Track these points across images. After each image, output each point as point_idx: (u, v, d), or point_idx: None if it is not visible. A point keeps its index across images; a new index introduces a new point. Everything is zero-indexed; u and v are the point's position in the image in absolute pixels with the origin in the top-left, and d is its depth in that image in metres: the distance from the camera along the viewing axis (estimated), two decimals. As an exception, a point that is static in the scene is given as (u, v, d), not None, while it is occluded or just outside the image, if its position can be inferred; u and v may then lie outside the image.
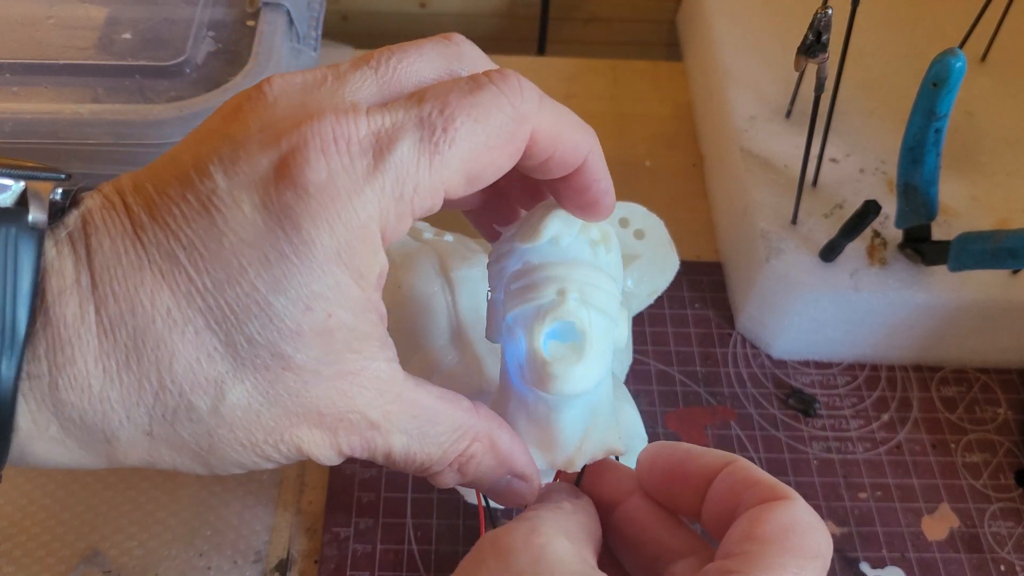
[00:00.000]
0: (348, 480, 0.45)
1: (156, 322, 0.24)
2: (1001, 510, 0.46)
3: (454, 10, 0.71)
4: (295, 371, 0.24)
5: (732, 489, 0.26)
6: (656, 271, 0.46)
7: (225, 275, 0.24)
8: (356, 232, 0.24)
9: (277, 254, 0.23)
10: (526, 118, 0.26)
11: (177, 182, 0.24)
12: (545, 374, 0.28)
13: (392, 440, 0.27)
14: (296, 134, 0.24)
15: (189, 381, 0.24)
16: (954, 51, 0.39)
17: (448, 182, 0.25)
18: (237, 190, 0.24)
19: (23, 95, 0.44)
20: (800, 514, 0.24)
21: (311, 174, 0.23)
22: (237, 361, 0.24)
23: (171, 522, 0.43)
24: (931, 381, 0.50)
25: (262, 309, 0.24)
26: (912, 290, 0.47)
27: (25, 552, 0.42)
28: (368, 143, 0.24)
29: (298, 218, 0.23)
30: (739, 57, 0.57)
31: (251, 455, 0.26)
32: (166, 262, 0.24)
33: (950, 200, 0.50)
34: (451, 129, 0.24)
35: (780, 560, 0.23)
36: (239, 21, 0.49)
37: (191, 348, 0.24)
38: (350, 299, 0.25)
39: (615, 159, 0.60)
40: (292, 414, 0.25)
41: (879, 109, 0.54)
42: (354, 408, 0.26)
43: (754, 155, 0.52)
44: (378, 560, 0.43)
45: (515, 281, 0.29)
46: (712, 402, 0.49)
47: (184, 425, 0.24)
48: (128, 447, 0.25)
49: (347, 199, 0.24)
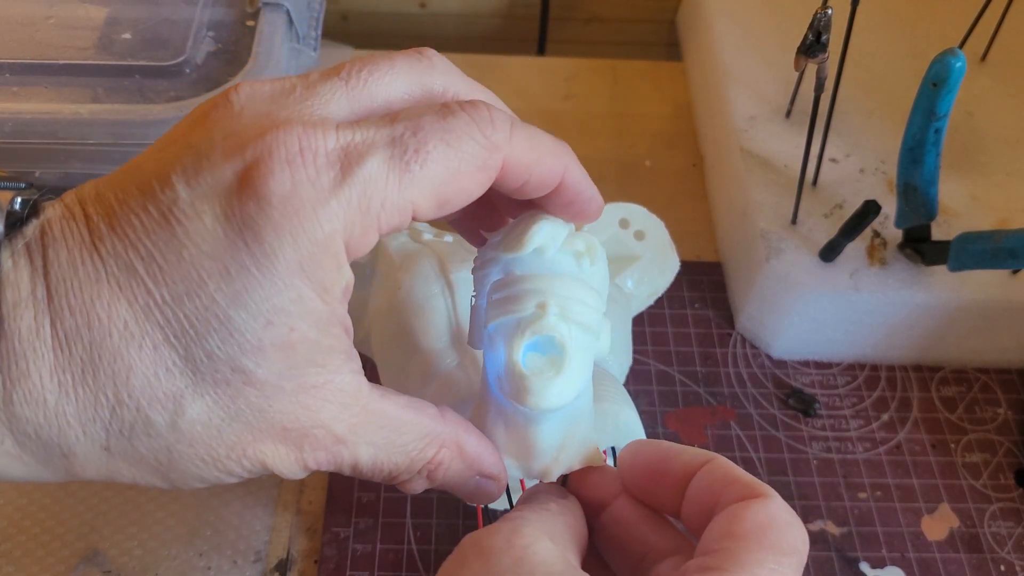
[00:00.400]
0: (348, 480, 0.45)
1: (113, 336, 0.23)
2: (1001, 510, 0.46)
3: (454, 10, 0.71)
4: (256, 386, 0.24)
5: (711, 487, 0.26)
6: (656, 272, 0.46)
7: (184, 288, 0.23)
8: (320, 245, 0.23)
9: (238, 267, 0.23)
10: (497, 147, 0.26)
11: (138, 191, 0.24)
12: (522, 388, 0.27)
13: (359, 452, 0.26)
14: (261, 144, 0.23)
15: (147, 396, 0.24)
16: (954, 51, 0.39)
17: (417, 202, 0.25)
18: (199, 201, 0.23)
19: (23, 95, 0.44)
20: (777, 511, 0.24)
21: (275, 185, 0.23)
22: (197, 376, 0.24)
23: (171, 522, 0.43)
24: (931, 381, 0.50)
25: (222, 323, 0.23)
26: (912, 290, 0.47)
27: (25, 552, 0.42)
28: (336, 156, 0.24)
29: (260, 230, 0.23)
30: (739, 57, 0.57)
31: (212, 470, 0.25)
32: (124, 274, 0.23)
33: (950, 200, 0.50)
34: (423, 151, 0.24)
35: (758, 556, 0.23)
36: (239, 21, 0.49)
37: (148, 362, 0.23)
38: (313, 313, 0.24)
39: (615, 159, 0.60)
40: (255, 429, 0.25)
41: (879, 109, 0.54)
42: (319, 423, 0.25)
43: (754, 155, 0.52)
44: (378, 560, 0.43)
45: (497, 291, 0.29)
46: (712, 402, 0.49)
47: (142, 440, 0.24)
48: (85, 462, 0.24)
49: (311, 211, 0.23)
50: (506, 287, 0.28)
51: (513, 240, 0.29)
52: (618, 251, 0.46)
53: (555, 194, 0.29)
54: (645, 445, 0.28)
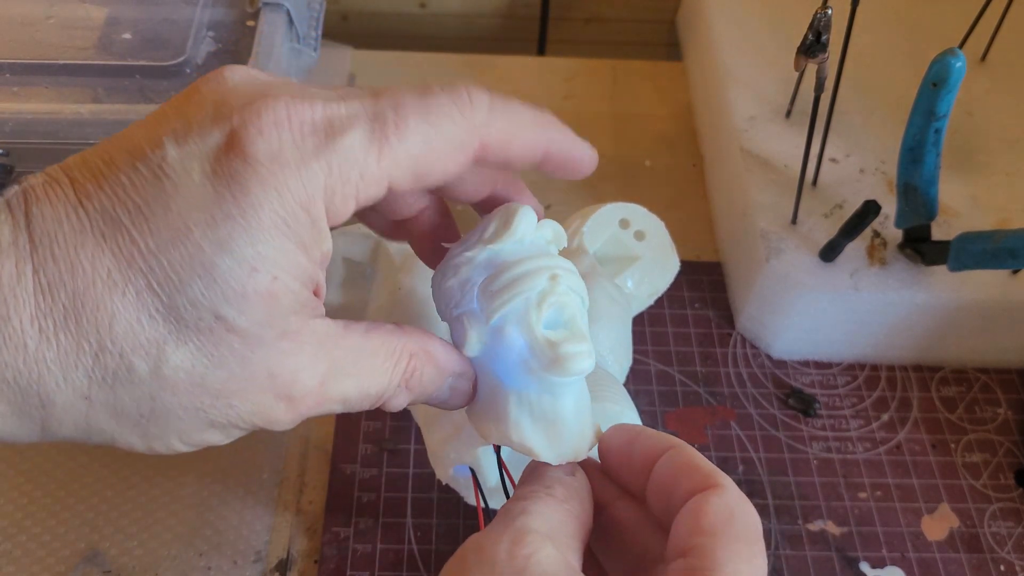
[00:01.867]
0: (348, 480, 0.45)
1: (96, 284, 0.24)
2: (1001, 510, 0.46)
3: (454, 10, 0.71)
4: (239, 334, 0.24)
5: (671, 472, 0.27)
6: (656, 272, 0.46)
7: (170, 236, 0.24)
8: (302, 204, 0.24)
9: (224, 216, 0.24)
10: (475, 128, 0.27)
11: (127, 154, 0.25)
12: (558, 356, 0.28)
13: (344, 387, 0.27)
14: (250, 110, 0.24)
15: (130, 342, 0.24)
16: (954, 51, 0.39)
17: (394, 175, 0.26)
18: (188, 159, 0.24)
19: (23, 95, 0.44)
20: (735, 501, 0.26)
21: (262, 144, 0.24)
22: (180, 324, 0.24)
23: (171, 522, 0.43)
24: (931, 381, 0.50)
25: (206, 270, 0.24)
26: (912, 290, 0.47)
27: (25, 552, 0.42)
28: (320, 125, 0.25)
29: (247, 184, 0.24)
30: (739, 57, 0.57)
31: (196, 422, 0.25)
32: (109, 226, 0.24)
33: (950, 200, 0.50)
34: (403, 126, 0.25)
35: (733, 549, 0.25)
36: (239, 21, 0.49)
37: (132, 309, 0.24)
38: (297, 266, 0.25)
39: (615, 159, 0.60)
40: (240, 378, 0.25)
41: (879, 109, 0.54)
42: (300, 366, 0.26)
43: (754, 155, 0.52)
44: (378, 560, 0.43)
45: (493, 282, 0.29)
46: (712, 402, 0.49)
47: (125, 388, 0.24)
48: (63, 413, 0.24)
49: (295, 170, 0.24)
50: (502, 274, 0.29)
51: (499, 230, 0.29)
52: (618, 251, 0.46)
53: (545, 162, 0.30)
54: (620, 427, 0.29)
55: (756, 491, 0.46)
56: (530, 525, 0.26)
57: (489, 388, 0.30)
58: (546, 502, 0.27)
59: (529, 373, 0.29)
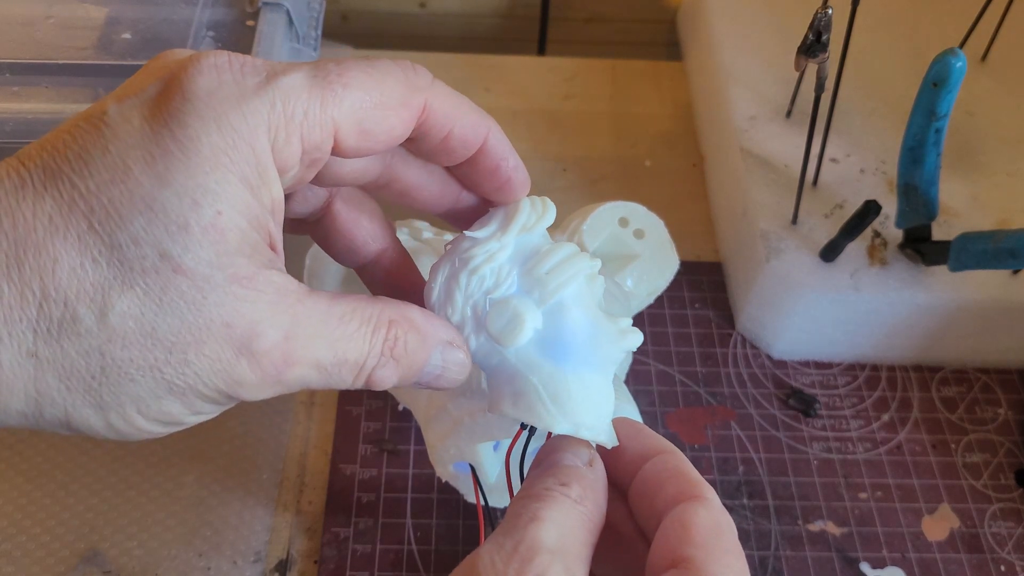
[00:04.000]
0: (348, 480, 0.45)
1: (37, 230, 0.23)
2: (1001, 510, 0.46)
3: (454, 10, 0.71)
4: (186, 274, 0.23)
5: (659, 476, 0.27)
6: (656, 271, 0.46)
7: (109, 176, 0.23)
8: (244, 136, 0.24)
9: (162, 151, 0.23)
10: (418, 88, 0.27)
11: (71, 122, 0.25)
12: (621, 331, 0.30)
13: (315, 349, 0.26)
14: (189, 59, 0.25)
15: (74, 289, 0.23)
16: (954, 51, 0.39)
17: (338, 121, 0.26)
18: (127, 110, 0.24)
19: (24, 95, 0.44)
20: (720, 514, 0.26)
21: (201, 82, 0.24)
22: (124, 266, 0.23)
23: (171, 522, 0.43)
24: (931, 381, 0.50)
25: (147, 205, 0.23)
26: (912, 290, 0.47)
27: (25, 552, 0.42)
28: (262, 68, 0.25)
29: (184, 118, 0.24)
30: (739, 57, 0.57)
31: (152, 385, 0.24)
32: (49, 175, 0.23)
33: (950, 200, 0.50)
34: (345, 75, 0.26)
35: (725, 560, 0.25)
36: (239, 21, 0.49)
37: (74, 253, 0.23)
38: (241, 201, 0.24)
39: (615, 159, 0.60)
40: (192, 326, 0.24)
41: (879, 109, 0.54)
42: (260, 316, 0.25)
43: (754, 155, 0.52)
44: (378, 560, 0.43)
45: (539, 265, 0.30)
46: (712, 402, 0.49)
47: (71, 341, 0.23)
48: (12, 375, 0.23)
49: (235, 104, 0.24)
50: (547, 259, 0.30)
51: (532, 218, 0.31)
52: (617, 249, 0.46)
53: (480, 158, 0.30)
54: (623, 421, 0.30)
55: (756, 491, 0.46)
56: (541, 540, 0.25)
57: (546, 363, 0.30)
58: (560, 505, 0.26)
59: (580, 350, 0.29)
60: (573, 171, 0.59)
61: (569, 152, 0.60)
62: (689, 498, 0.26)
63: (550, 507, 0.26)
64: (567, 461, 0.28)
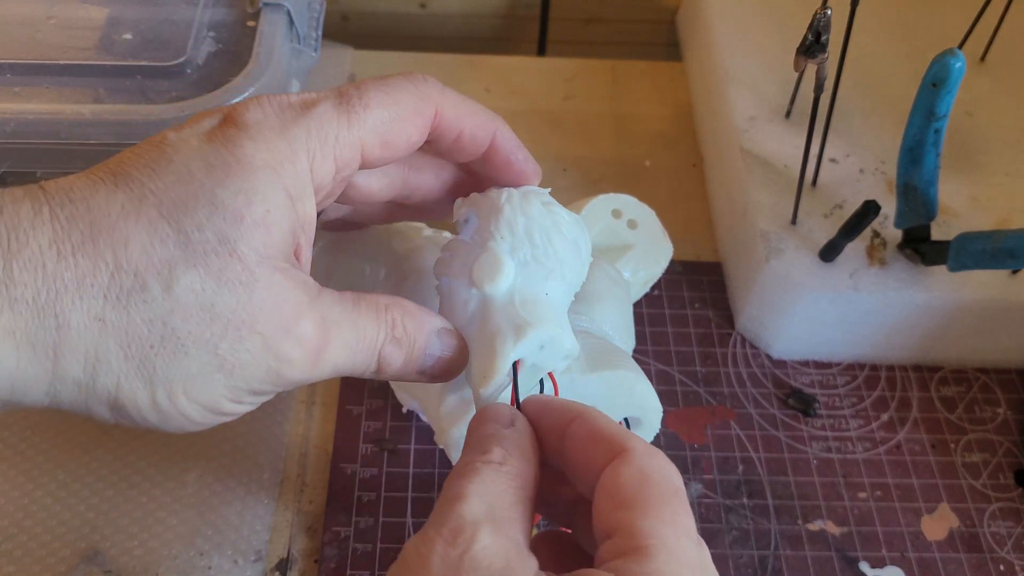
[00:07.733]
0: (348, 480, 0.45)
1: (111, 214, 0.26)
2: (1001, 510, 0.46)
3: (454, 10, 0.71)
4: (240, 259, 0.27)
5: (580, 446, 0.27)
6: (651, 259, 0.47)
7: (174, 178, 0.27)
8: (288, 156, 0.28)
9: (221, 162, 0.27)
10: (429, 97, 0.31)
11: (130, 148, 0.28)
12: None
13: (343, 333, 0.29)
14: (240, 101, 0.30)
15: (144, 262, 0.26)
16: (954, 51, 0.39)
17: (365, 139, 0.30)
18: (186, 137, 0.28)
19: (25, 95, 0.44)
20: (644, 462, 0.25)
21: (250, 115, 0.29)
22: (188, 247, 0.26)
23: (172, 521, 0.43)
24: (931, 381, 0.50)
25: (209, 200, 0.27)
26: (912, 290, 0.47)
27: (26, 552, 0.42)
28: (296, 102, 0.30)
29: (239, 141, 0.28)
30: (739, 57, 0.57)
31: (205, 360, 0.26)
32: (120, 179, 0.27)
33: (950, 200, 0.50)
34: (365, 98, 0.30)
35: (653, 514, 0.24)
36: (239, 21, 0.49)
37: (144, 233, 0.26)
38: (284, 207, 0.28)
39: (615, 159, 0.60)
40: (248, 306, 0.27)
41: (879, 109, 0.54)
42: (301, 302, 0.28)
43: (754, 155, 0.52)
44: (378, 559, 0.43)
45: None
46: (712, 402, 0.49)
47: (138, 308, 0.26)
48: (78, 337, 0.25)
49: (280, 131, 0.28)
50: None
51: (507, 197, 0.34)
52: (612, 241, 0.47)
53: (492, 154, 0.34)
54: (530, 399, 0.30)
55: (756, 491, 0.46)
56: (464, 516, 0.24)
57: None
58: (481, 474, 0.26)
59: None
60: (573, 171, 0.59)
61: (569, 152, 0.60)
62: (610, 459, 0.25)
63: (472, 480, 0.26)
64: (487, 431, 0.28)
